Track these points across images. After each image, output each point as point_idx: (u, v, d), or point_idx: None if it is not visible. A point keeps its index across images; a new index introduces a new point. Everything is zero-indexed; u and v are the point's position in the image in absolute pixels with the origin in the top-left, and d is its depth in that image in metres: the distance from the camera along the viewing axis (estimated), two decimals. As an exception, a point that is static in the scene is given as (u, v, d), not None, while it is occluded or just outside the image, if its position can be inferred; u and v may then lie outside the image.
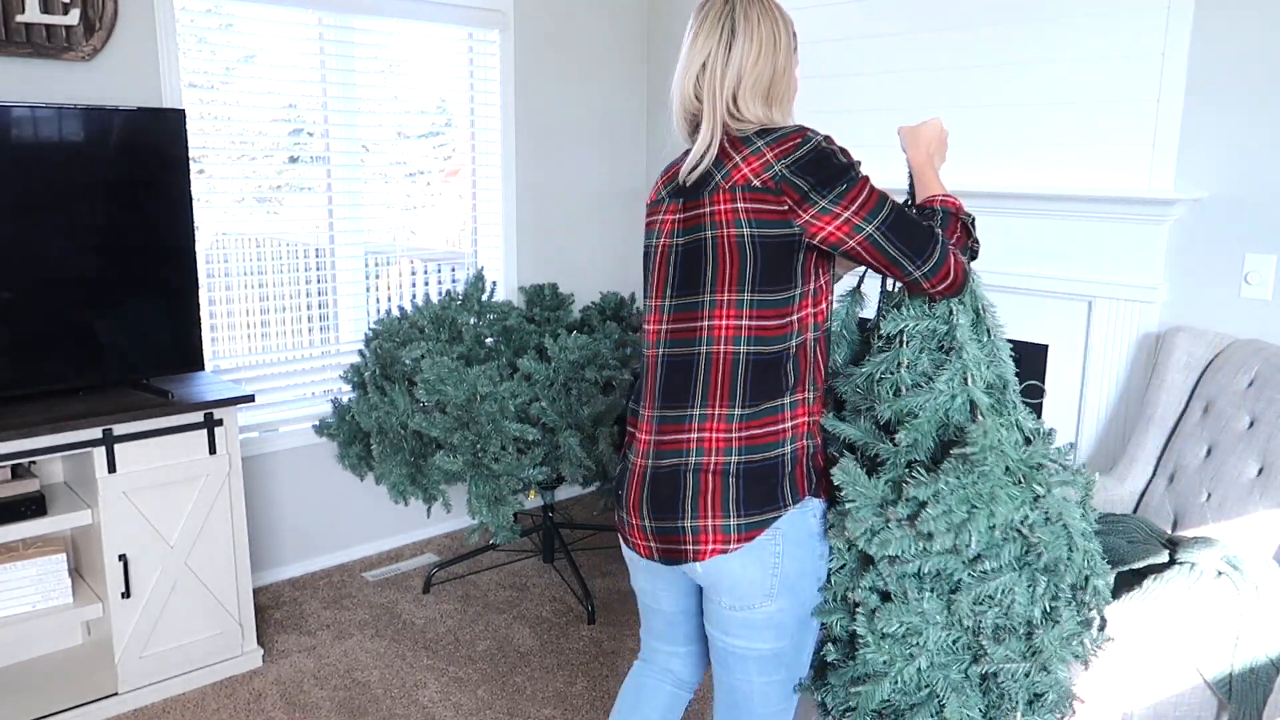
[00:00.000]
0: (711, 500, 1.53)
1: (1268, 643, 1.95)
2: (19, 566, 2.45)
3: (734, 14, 1.52)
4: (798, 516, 1.54)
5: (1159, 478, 2.51)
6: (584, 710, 2.60)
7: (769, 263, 1.48)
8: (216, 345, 3.13)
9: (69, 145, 2.46)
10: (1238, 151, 2.56)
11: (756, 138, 1.49)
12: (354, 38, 3.28)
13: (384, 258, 3.54)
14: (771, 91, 1.53)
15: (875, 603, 1.52)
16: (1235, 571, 2.05)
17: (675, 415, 1.56)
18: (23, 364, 2.47)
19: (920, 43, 3.14)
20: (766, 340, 1.51)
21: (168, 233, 2.64)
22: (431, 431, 2.74)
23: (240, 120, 3.08)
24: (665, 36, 3.98)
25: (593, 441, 2.81)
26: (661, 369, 1.59)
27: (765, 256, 1.48)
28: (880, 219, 1.47)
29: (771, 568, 1.54)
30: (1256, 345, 2.46)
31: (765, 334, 1.50)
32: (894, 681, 1.52)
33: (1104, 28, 2.74)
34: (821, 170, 1.45)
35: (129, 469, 2.49)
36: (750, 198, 1.47)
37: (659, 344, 1.60)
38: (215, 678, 2.72)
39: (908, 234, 1.49)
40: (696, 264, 1.53)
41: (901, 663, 1.51)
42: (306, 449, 3.34)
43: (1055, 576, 1.53)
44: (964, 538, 1.45)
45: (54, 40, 2.60)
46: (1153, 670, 1.94)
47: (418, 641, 2.95)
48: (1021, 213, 2.90)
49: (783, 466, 1.53)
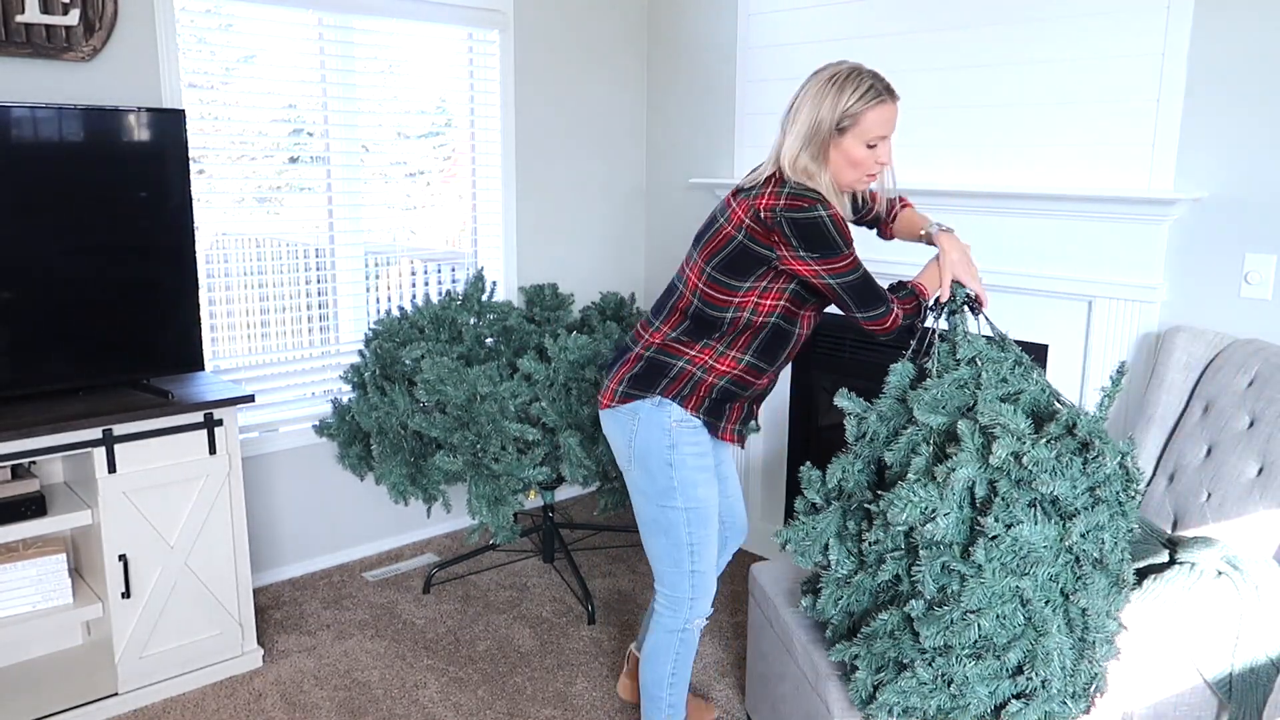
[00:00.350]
0: (622, 369, 2.13)
1: (1268, 643, 1.95)
2: (19, 567, 2.45)
3: (804, 88, 2.03)
4: (657, 410, 2.09)
5: (1159, 477, 2.51)
6: (584, 710, 2.60)
7: (736, 261, 2.00)
8: (216, 345, 3.13)
9: (69, 145, 2.46)
10: (1238, 151, 2.56)
11: (784, 184, 1.97)
12: (354, 38, 3.28)
13: (384, 258, 3.54)
14: (803, 155, 1.99)
15: (999, 530, 1.72)
16: (1235, 571, 2.05)
17: (650, 319, 2.17)
18: (23, 364, 2.47)
19: (920, 43, 3.14)
20: (709, 305, 2.05)
21: (168, 233, 2.64)
22: (431, 431, 2.74)
23: (240, 120, 3.08)
24: (665, 36, 3.98)
25: (593, 442, 2.81)
26: (665, 288, 2.25)
27: (736, 257, 2.00)
28: (844, 281, 1.98)
29: (628, 437, 2.12)
30: (1256, 345, 2.46)
31: (710, 300, 2.05)
32: (998, 614, 1.71)
33: (1104, 28, 2.74)
34: (812, 239, 1.94)
35: (129, 469, 2.49)
36: (752, 219, 1.97)
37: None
38: (215, 678, 2.72)
39: (862, 294, 2.00)
40: (705, 231, 2.07)
41: (1010, 591, 1.72)
42: (306, 449, 3.34)
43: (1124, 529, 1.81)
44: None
45: (54, 40, 2.60)
46: (1153, 670, 1.94)
47: (418, 641, 2.95)
48: (1021, 213, 2.90)
49: (671, 373, 2.08)
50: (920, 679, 1.77)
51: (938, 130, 3.14)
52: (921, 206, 3.16)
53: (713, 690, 2.68)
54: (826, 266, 1.95)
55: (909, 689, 1.78)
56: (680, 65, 3.93)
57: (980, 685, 1.74)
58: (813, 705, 2.07)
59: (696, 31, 3.86)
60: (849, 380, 3.57)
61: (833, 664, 2.00)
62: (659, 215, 4.13)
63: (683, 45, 3.92)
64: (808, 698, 2.10)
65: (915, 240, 2.28)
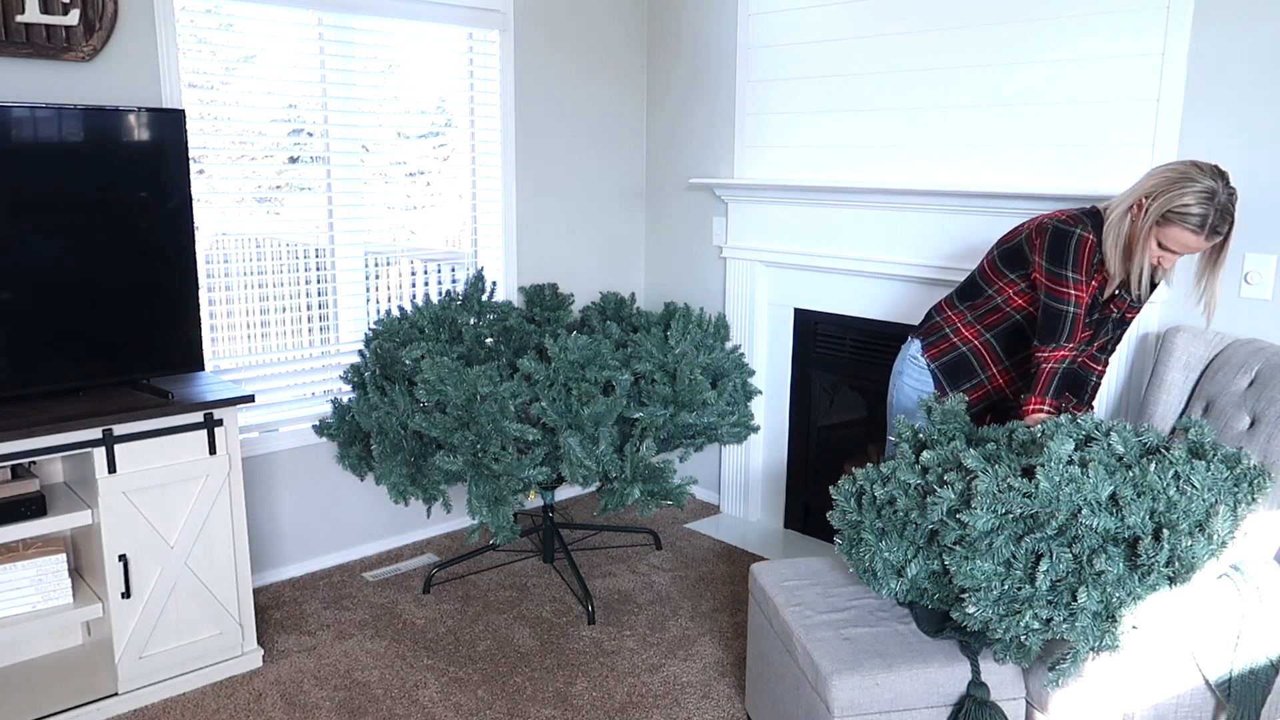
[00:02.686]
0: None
1: (1268, 644, 1.95)
2: (19, 567, 2.45)
3: (1171, 165, 2.24)
4: (909, 344, 2.60)
5: (1159, 478, 2.51)
6: (584, 710, 2.60)
7: (1011, 255, 2.42)
8: (216, 345, 3.13)
9: (69, 145, 2.46)
10: (1238, 151, 2.56)
11: (1085, 213, 2.31)
12: (354, 38, 3.28)
13: (384, 258, 3.54)
14: (1119, 207, 2.25)
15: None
16: (1237, 573, 2.05)
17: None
18: (23, 364, 2.47)
19: (920, 43, 3.14)
20: (981, 278, 2.51)
21: (168, 233, 2.64)
22: (432, 432, 2.74)
23: (240, 120, 3.08)
24: (665, 36, 3.98)
25: (593, 442, 2.81)
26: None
27: (1013, 251, 2.41)
28: (1050, 301, 2.29)
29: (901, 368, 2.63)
30: (1256, 345, 2.46)
31: (984, 275, 2.50)
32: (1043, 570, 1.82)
33: (1104, 28, 2.74)
34: (1055, 247, 2.27)
35: (129, 469, 2.49)
36: (1038, 227, 2.34)
37: None
38: (215, 678, 2.72)
39: (1050, 323, 2.30)
40: (1013, 228, 2.49)
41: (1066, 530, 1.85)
42: (306, 449, 3.34)
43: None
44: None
45: (54, 40, 2.60)
46: (1155, 670, 1.94)
47: (418, 641, 2.95)
48: (1022, 213, 2.90)
49: (931, 322, 2.59)
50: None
51: (938, 130, 3.14)
52: (922, 207, 3.17)
53: (713, 690, 2.68)
54: (1048, 277, 2.28)
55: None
56: (680, 65, 3.93)
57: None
58: (813, 705, 2.07)
59: (696, 31, 3.86)
60: (849, 380, 3.57)
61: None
62: (659, 215, 4.13)
63: (683, 45, 3.92)
64: (808, 698, 2.10)
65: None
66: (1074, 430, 2.02)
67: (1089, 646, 1.84)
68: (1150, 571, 1.80)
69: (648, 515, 2.81)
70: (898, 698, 1.99)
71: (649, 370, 2.82)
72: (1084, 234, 2.24)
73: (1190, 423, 2.04)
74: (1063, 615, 1.83)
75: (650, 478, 2.74)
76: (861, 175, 3.37)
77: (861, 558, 2.15)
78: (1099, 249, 2.26)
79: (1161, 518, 1.83)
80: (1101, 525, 1.82)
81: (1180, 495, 1.83)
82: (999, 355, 2.52)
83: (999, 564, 1.88)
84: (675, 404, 2.81)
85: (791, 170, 3.59)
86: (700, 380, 2.81)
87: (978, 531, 1.88)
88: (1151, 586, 1.80)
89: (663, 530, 3.79)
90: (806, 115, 3.51)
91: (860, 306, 3.42)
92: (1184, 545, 1.78)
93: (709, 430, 2.95)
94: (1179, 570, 1.79)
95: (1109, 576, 1.80)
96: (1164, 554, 1.78)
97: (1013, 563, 1.87)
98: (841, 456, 3.68)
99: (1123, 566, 1.81)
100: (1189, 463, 1.89)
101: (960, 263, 3.07)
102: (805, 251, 3.49)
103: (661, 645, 2.92)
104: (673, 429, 2.88)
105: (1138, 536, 1.83)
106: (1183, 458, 1.90)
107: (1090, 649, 1.84)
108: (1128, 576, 1.81)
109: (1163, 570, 1.79)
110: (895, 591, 2.11)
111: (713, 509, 4.02)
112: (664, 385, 2.80)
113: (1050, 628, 1.85)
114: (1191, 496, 1.83)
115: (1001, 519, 1.88)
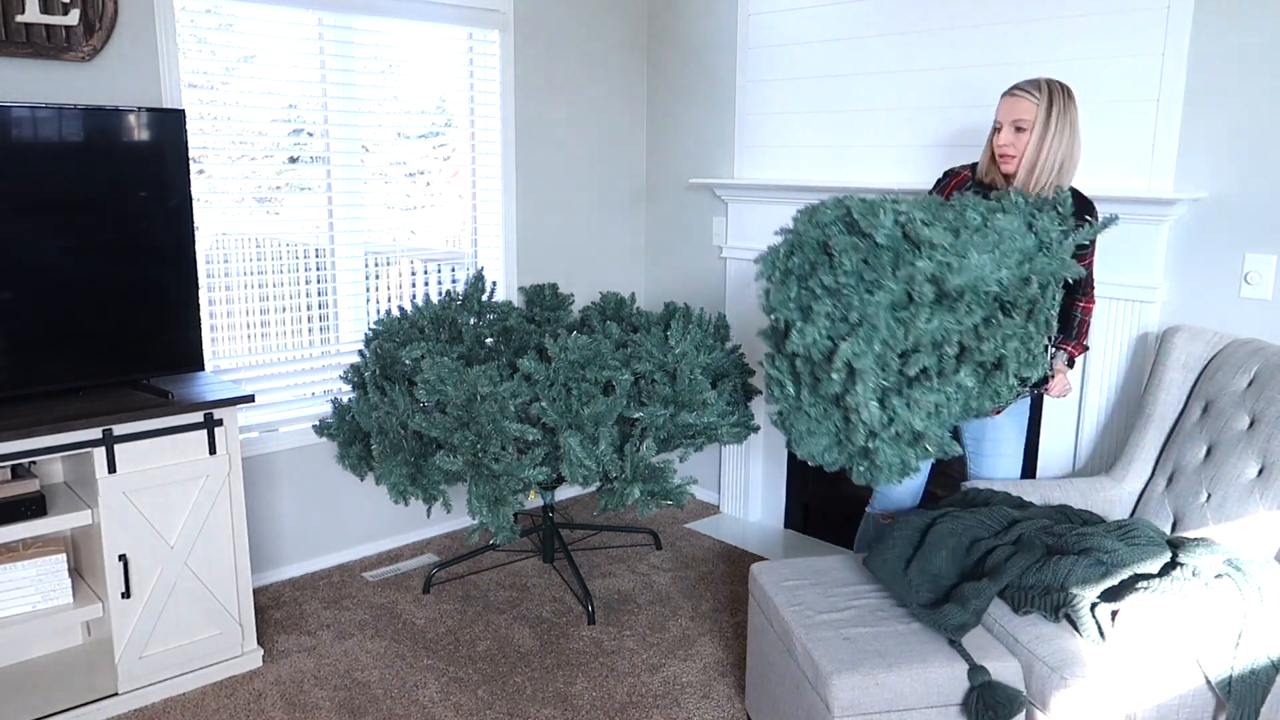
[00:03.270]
0: None
1: (1269, 643, 1.95)
2: (19, 567, 2.45)
3: None
4: None
5: (1158, 478, 2.51)
6: (584, 710, 2.60)
7: None
8: (216, 345, 3.13)
9: (69, 145, 2.46)
10: (1238, 151, 2.56)
11: None
12: (354, 38, 3.28)
13: (384, 258, 3.54)
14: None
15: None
16: (1238, 573, 2.05)
17: None
18: (23, 364, 2.47)
19: (920, 43, 3.14)
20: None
21: (168, 233, 2.64)
22: (432, 432, 2.74)
23: (240, 120, 3.08)
24: (665, 36, 3.98)
25: (593, 442, 2.81)
26: None
27: None
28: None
29: None
30: (1256, 345, 2.46)
31: None
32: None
33: (1104, 28, 2.74)
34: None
35: (129, 469, 2.49)
36: None
37: None
38: (215, 678, 2.72)
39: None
40: None
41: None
42: (306, 449, 3.34)
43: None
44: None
45: (54, 40, 2.60)
46: (1157, 671, 1.94)
47: (418, 641, 2.95)
48: (1021, 213, 2.90)
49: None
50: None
51: (938, 130, 3.14)
52: (921, 206, 3.16)
53: (713, 690, 2.68)
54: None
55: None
56: (680, 66, 3.93)
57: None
58: (813, 705, 2.07)
59: (696, 32, 3.86)
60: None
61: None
62: (659, 215, 4.13)
63: (683, 45, 3.92)
64: (808, 698, 2.10)
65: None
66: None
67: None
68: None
69: (647, 515, 2.81)
70: (898, 698, 1.99)
71: (649, 370, 2.82)
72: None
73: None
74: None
75: (650, 478, 2.74)
76: (861, 175, 3.37)
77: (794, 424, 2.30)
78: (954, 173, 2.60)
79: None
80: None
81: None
82: None
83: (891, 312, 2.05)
84: (675, 404, 2.81)
85: (792, 170, 3.59)
86: (700, 380, 2.81)
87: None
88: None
89: (663, 530, 3.79)
90: (806, 115, 3.51)
91: (860, 306, 3.41)
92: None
93: (709, 430, 2.95)
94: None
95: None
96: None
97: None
98: (841, 456, 3.68)
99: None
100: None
101: (960, 263, 3.06)
102: (805, 251, 3.48)
103: (661, 645, 2.92)
104: (672, 429, 2.88)
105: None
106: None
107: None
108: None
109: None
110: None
111: (713, 509, 4.02)
112: (664, 385, 2.80)
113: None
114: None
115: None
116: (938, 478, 3.46)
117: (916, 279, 1.98)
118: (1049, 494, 2.55)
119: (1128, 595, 2.03)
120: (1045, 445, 2.99)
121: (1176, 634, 1.96)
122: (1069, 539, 2.22)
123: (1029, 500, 2.52)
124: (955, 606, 2.11)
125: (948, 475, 3.45)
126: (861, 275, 2.06)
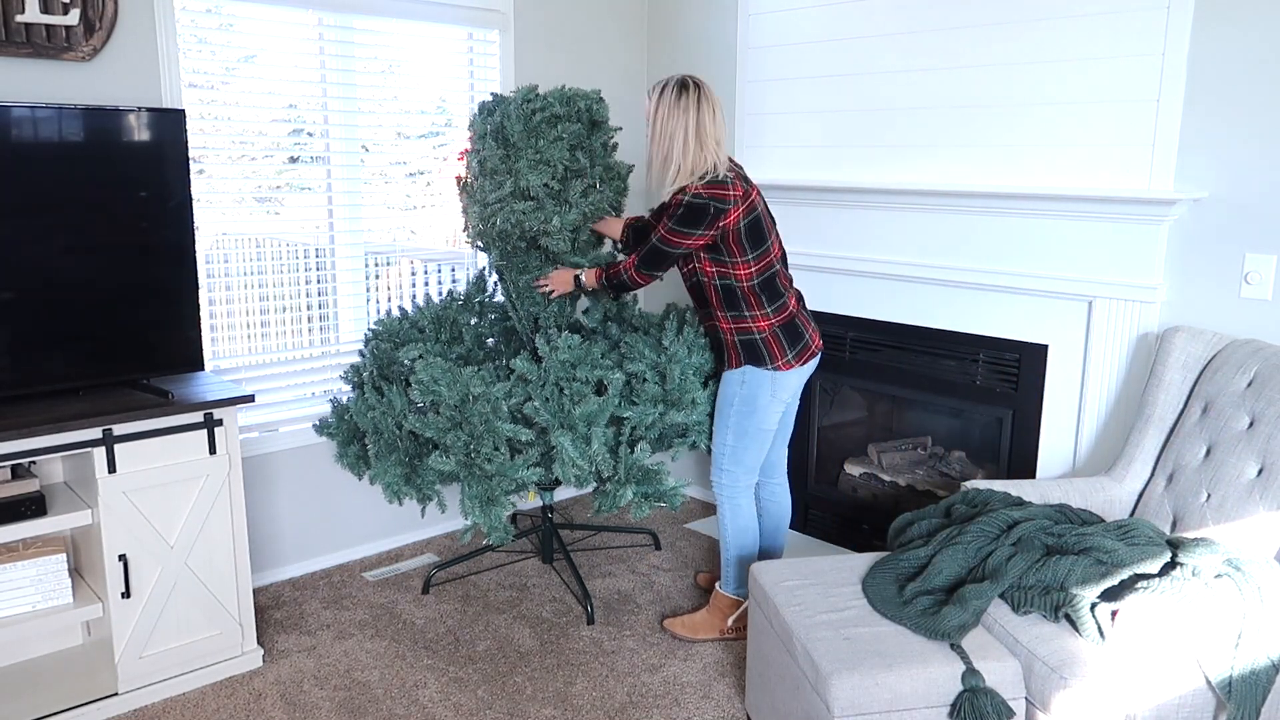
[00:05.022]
0: None
1: (1269, 643, 1.95)
2: (19, 566, 2.45)
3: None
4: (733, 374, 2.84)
5: (1158, 478, 2.51)
6: (584, 710, 2.60)
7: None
8: (216, 345, 3.13)
9: (69, 145, 2.46)
10: (1238, 151, 2.56)
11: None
12: (354, 38, 3.28)
13: (384, 258, 3.54)
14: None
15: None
16: (1237, 573, 2.05)
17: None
18: (23, 364, 2.47)
19: (920, 43, 3.14)
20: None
21: (168, 233, 2.64)
22: (426, 432, 2.75)
23: (240, 120, 3.08)
24: (665, 36, 3.98)
25: (586, 441, 2.81)
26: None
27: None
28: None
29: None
30: (1255, 345, 2.46)
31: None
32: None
33: (1104, 28, 2.74)
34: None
35: (129, 469, 2.49)
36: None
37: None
38: (215, 678, 2.72)
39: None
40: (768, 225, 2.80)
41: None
42: (306, 449, 3.34)
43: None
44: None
45: (54, 40, 2.60)
46: (1157, 671, 1.94)
47: (418, 641, 2.95)
48: (1021, 213, 2.90)
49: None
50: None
51: (938, 131, 3.14)
52: (922, 207, 3.17)
53: (713, 690, 2.69)
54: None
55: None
56: (680, 65, 3.93)
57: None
58: (813, 705, 2.07)
59: (696, 32, 3.86)
60: (849, 380, 3.58)
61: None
62: (659, 215, 4.13)
63: (683, 46, 3.92)
64: (808, 698, 2.10)
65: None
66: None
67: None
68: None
69: (641, 517, 2.81)
70: (897, 698, 1.99)
71: (641, 370, 2.83)
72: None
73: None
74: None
75: (644, 479, 2.74)
76: (861, 176, 3.37)
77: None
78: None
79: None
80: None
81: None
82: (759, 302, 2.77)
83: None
84: (665, 403, 2.82)
85: (791, 171, 3.59)
86: (691, 380, 2.82)
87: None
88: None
89: (662, 530, 3.79)
90: (806, 115, 3.51)
91: (860, 306, 3.42)
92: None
93: (699, 429, 2.96)
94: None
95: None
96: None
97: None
98: (841, 457, 3.68)
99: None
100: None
101: (959, 262, 3.07)
102: (805, 251, 3.49)
103: (661, 645, 2.92)
104: (663, 428, 2.89)
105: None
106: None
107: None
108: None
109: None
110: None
111: (712, 509, 4.02)
112: (654, 385, 2.81)
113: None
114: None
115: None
116: (938, 477, 3.47)
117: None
118: (1049, 494, 2.55)
119: (1127, 595, 2.03)
120: (1045, 445, 2.99)
121: (1176, 634, 1.96)
122: (1069, 539, 2.22)
123: (1028, 500, 2.52)
124: (955, 607, 2.12)
125: (947, 475, 3.45)
126: None
